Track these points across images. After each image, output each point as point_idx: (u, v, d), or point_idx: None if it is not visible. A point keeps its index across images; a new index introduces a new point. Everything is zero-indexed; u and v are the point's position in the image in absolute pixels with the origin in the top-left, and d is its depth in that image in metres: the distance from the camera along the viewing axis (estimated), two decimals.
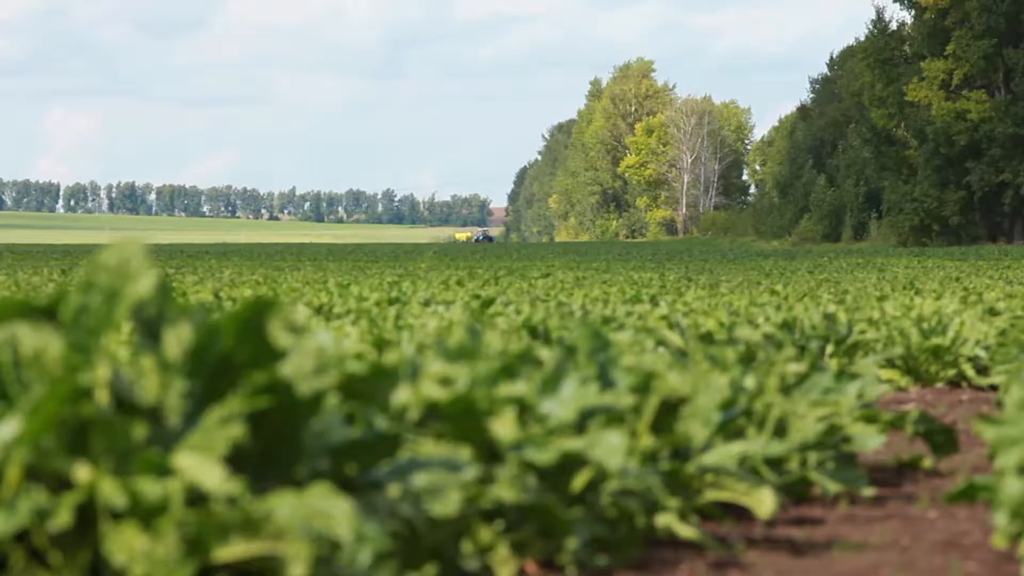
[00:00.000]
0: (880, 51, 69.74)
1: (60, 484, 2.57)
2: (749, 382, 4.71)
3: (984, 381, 8.57)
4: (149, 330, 2.70)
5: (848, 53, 77.94)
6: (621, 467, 3.39)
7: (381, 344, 4.75)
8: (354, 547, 2.47)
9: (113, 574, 2.53)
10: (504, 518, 3.22)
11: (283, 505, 2.48)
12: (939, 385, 8.72)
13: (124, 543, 2.43)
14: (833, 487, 4.45)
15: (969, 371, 8.64)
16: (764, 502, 3.86)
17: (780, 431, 4.37)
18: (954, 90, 68.39)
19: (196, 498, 2.54)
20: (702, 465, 3.91)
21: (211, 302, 11.81)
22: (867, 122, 70.66)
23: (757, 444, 4.01)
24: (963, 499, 3.62)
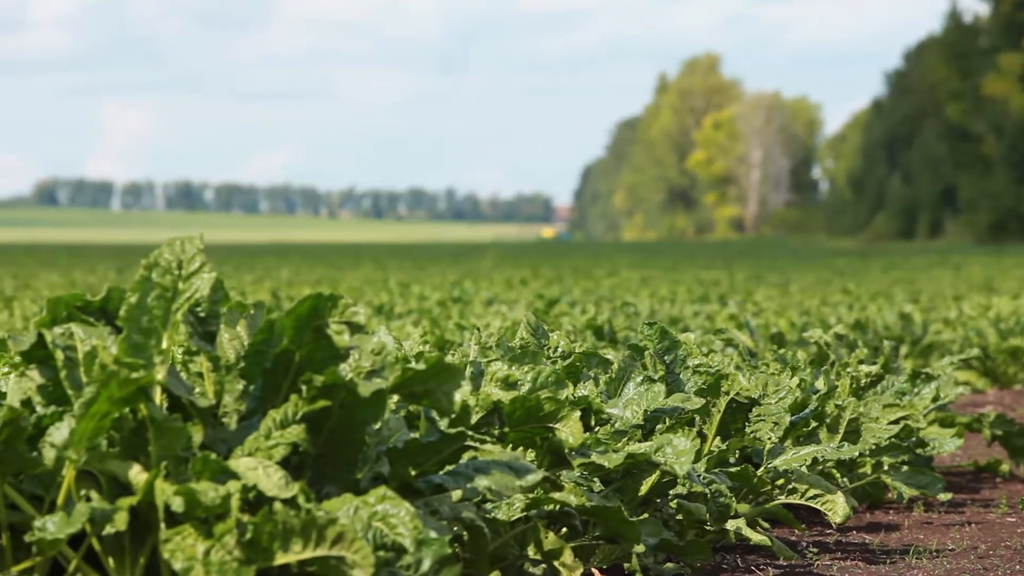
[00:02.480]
0: (955, 44, 68.76)
1: (116, 487, 2.53)
2: (821, 384, 4.62)
3: None
4: (206, 329, 2.66)
5: (923, 47, 76.94)
6: (689, 471, 3.31)
7: (443, 345, 4.70)
8: (416, 553, 2.41)
9: None
10: (569, 523, 3.15)
11: (344, 510, 2.43)
12: (1018, 387, 8.55)
13: (183, 547, 2.39)
14: (908, 492, 4.36)
15: None
16: (837, 507, 3.78)
17: (853, 434, 4.28)
18: None
19: (255, 501, 2.50)
20: (773, 469, 3.83)
21: (270, 302, 11.88)
22: (942, 117, 69.73)
23: (829, 447, 3.92)
24: None
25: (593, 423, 3.45)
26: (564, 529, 3.21)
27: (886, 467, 4.42)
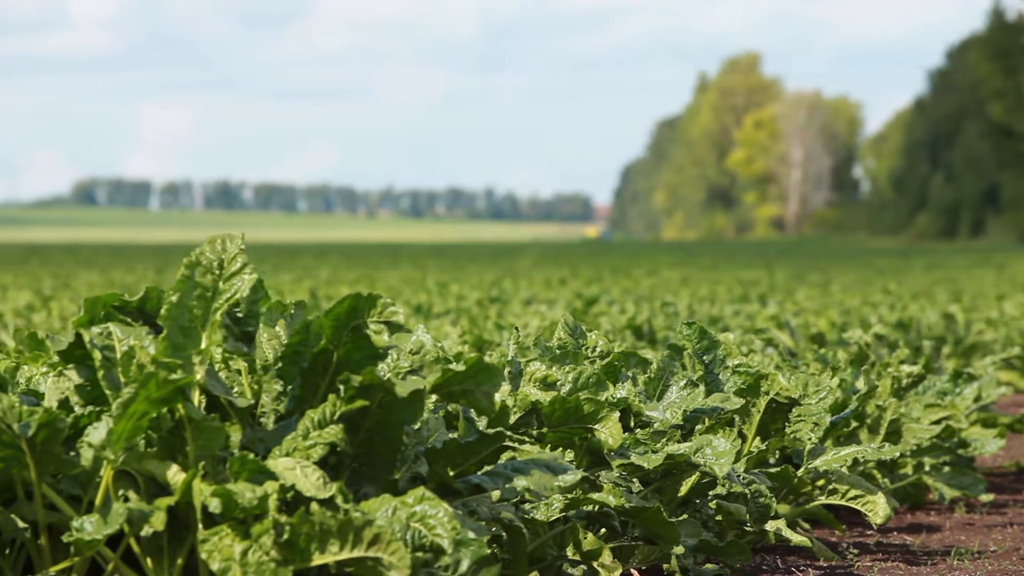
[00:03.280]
0: (998, 43, 68.20)
1: (154, 487, 2.54)
2: (861, 384, 4.58)
3: None
4: (242, 330, 2.67)
5: (966, 45, 76.35)
6: (729, 472, 3.29)
7: (481, 344, 4.70)
8: (454, 554, 2.41)
9: None
10: (608, 523, 3.14)
11: (382, 510, 2.43)
12: None
13: (220, 548, 2.39)
14: (949, 493, 4.32)
15: None
16: (878, 508, 3.74)
17: (894, 434, 4.25)
18: None
19: (292, 501, 2.50)
20: (813, 469, 3.81)
21: (308, 301, 11.91)
22: (985, 115, 69.18)
23: (870, 448, 3.89)
24: None
25: (632, 423, 3.43)
26: (603, 530, 3.20)
27: (927, 468, 4.38)
